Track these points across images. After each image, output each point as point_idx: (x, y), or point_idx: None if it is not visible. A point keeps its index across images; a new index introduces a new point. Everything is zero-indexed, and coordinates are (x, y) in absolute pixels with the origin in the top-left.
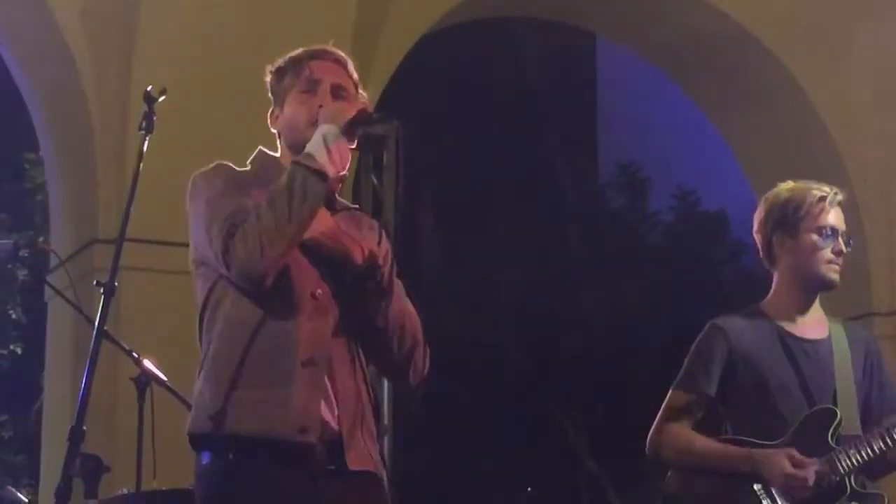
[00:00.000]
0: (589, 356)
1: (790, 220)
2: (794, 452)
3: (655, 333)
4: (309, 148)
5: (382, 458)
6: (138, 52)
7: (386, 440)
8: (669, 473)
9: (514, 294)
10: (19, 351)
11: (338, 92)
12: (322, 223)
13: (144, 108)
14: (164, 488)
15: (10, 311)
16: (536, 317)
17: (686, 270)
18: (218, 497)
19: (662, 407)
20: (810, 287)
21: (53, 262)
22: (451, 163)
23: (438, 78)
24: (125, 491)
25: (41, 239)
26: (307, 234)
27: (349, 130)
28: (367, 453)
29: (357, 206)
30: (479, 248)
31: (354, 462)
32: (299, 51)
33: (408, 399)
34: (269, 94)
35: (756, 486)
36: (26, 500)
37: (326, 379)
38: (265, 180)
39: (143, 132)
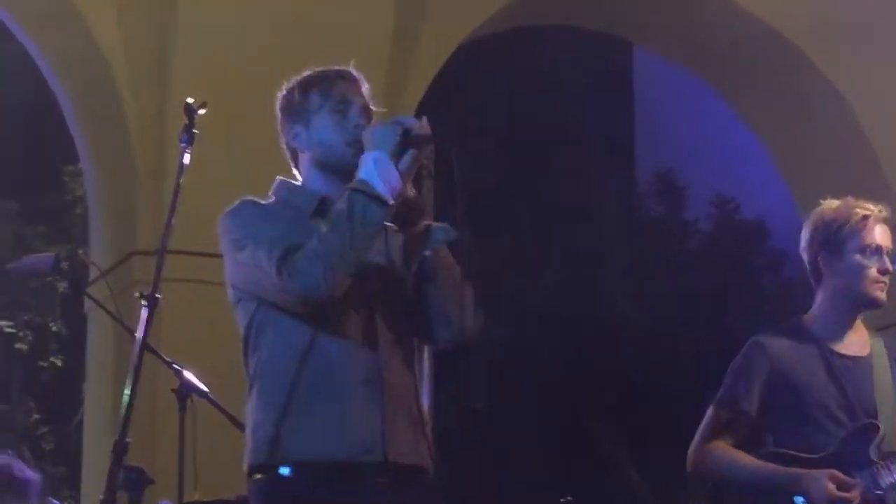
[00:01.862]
0: (626, 364)
1: (834, 239)
2: (838, 473)
3: (693, 342)
4: (361, 174)
5: (433, 457)
6: (176, 64)
7: None
8: (711, 485)
9: (551, 302)
10: (59, 363)
11: (367, 113)
12: None
13: (185, 120)
14: (205, 500)
15: (51, 324)
16: (573, 325)
17: (724, 279)
18: None
19: (703, 424)
20: (856, 306)
21: (93, 274)
22: (487, 171)
23: (475, 86)
24: (167, 502)
25: (81, 251)
26: None
27: (399, 152)
28: (417, 449)
29: None
30: (515, 256)
31: (403, 456)
32: (323, 69)
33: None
34: (283, 110)
35: (798, 500)
36: None
37: (381, 390)
38: (293, 207)
39: (184, 144)
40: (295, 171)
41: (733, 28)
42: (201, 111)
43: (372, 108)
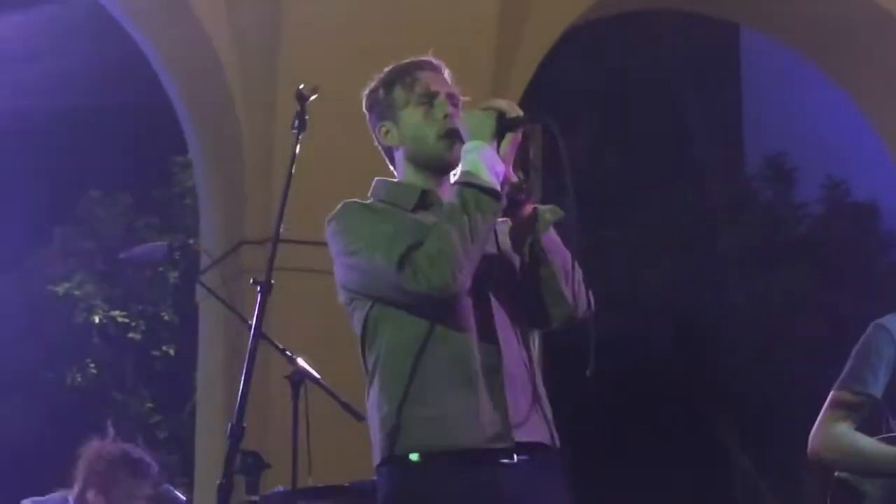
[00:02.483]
0: (737, 349)
1: None
2: None
3: (804, 326)
4: (467, 166)
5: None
6: (284, 52)
7: None
8: (837, 475)
9: (661, 289)
10: (172, 352)
11: (453, 100)
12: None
13: (296, 106)
14: (319, 485)
15: (163, 313)
16: (683, 311)
17: (835, 262)
18: (401, 494)
19: (825, 407)
20: None
21: (204, 263)
22: (593, 157)
23: (580, 73)
24: (282, 488)
25: (192, 241)
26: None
27: (496, 138)
28: (539, 427)
29: None
30: (623, 243)
31: (525, 433)
32: (401, 63)
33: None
34: (371, 109)
35: None
36: (184, 498)
37: (503, 375)
38: (395, 205)
39: (296, 131)
40: (392, 169)
41: (841, 7)
42: (313, 97)
43: (457, 94)
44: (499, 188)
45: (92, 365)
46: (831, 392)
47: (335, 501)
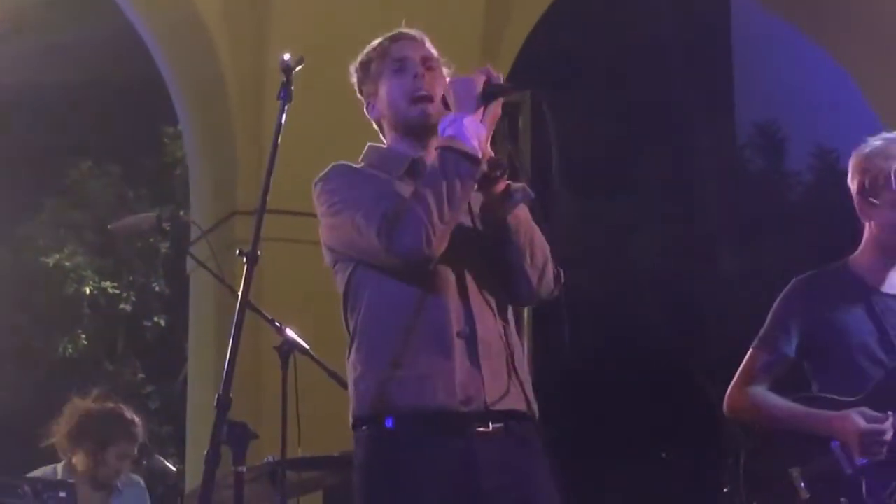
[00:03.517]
0: (729, 318)
1: (867, 187)
2: (867, 410)
3: None
4: (450, 131)
5: (532, 404)
6: (275, 23)
7: None
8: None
9: (653, 257)
10: (163, 323)
11: (427, 63)
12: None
13: (282, 77)
14: (308, 455)
15: (154, 284)
16: (675, 279)
17: (826, 230)
18: (377, 461)
19: (742, 366)
20: (892, 251)
21: (195, 234)
22: (585, 126)
23: (571, 42)
24: (271, 458)
25: (182, 212)
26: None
27: (482, 103)
28: (515, 395)
29: None
30: (615, 212)
31: (501, 402)
32: (377, 40)
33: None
34: (358, 90)
35: (834, 445)
36: (174, 469)
37: (477, 341)
38: (384, 170)
39: (282, 101)
40: (384, 140)
41: None
42: (298, 68)
43: (433, 56)
44: (479, 154)
45: (83, 336)
46: (749, 350)
47: (324, 471)
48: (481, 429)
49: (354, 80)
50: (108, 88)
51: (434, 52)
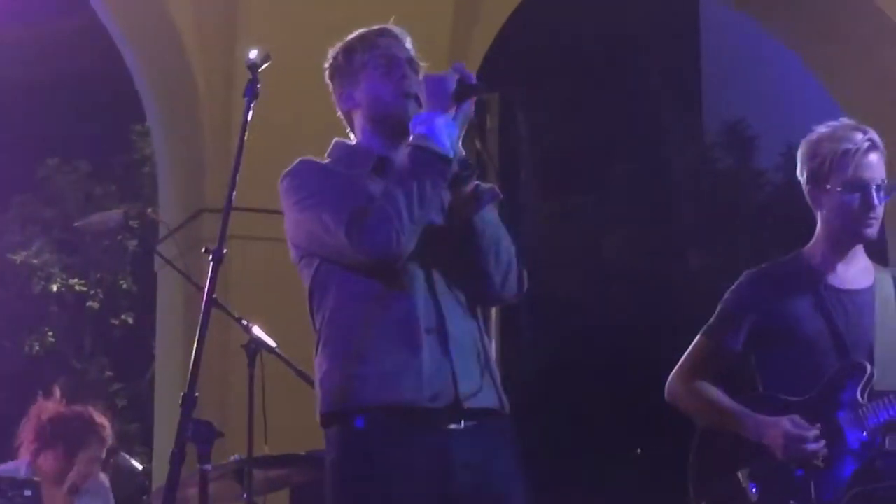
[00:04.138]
0: (697, 315)
1: (818, 173)
2: (798, 419)
3: None
4: (422, 130)
5: (503, 400)
6: (243, 21)
7: None
8: (699, 428)
9: (621, 255)
10: (131, 321)
11: (412, 66)
12: None
13: (248, 75)
14: (275, 453)
15: (122, 282)
16: (644, 277)
17: (795, 229)
18: (349, 460)
19: (687, 352)
20: (845, 240)
21: (162, 232)
22: (555, 125)
23: (541, 41)
24: (238, 457)
25: (150, 209)
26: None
27: (454, 102)
28: (487, 392)
29: None
30: (585, 209)
31: (473, 399)
32: (361, 31)
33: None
34: (332, 77)
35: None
36: (140, 467)
37: (447, 336)
38: (351, 166)
39: (248, 99)
40: (351, 136)
41: None
42: (265, 65)
43: (417, 61)
44: (451, 155)
45: (50, 333)
46: (696, 338)
47: (290, 469)
48: (453, 426)
49: (330, 65)
50: (77, 85)
51: (413, 53)
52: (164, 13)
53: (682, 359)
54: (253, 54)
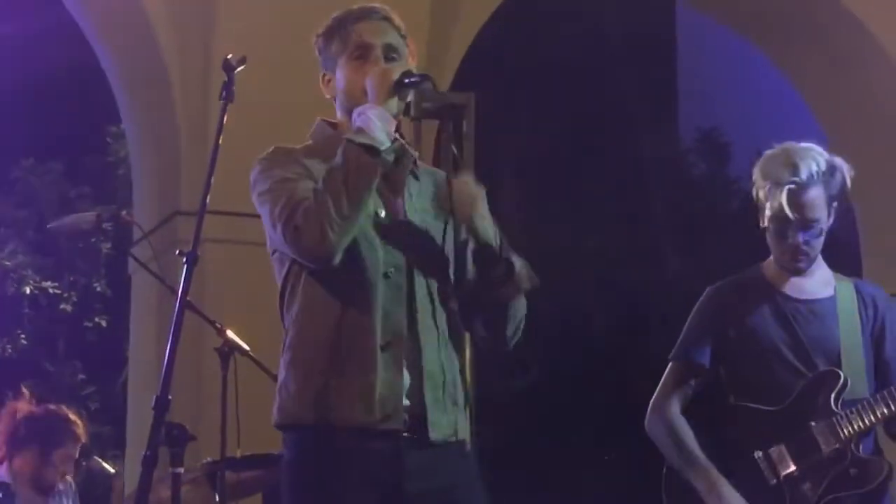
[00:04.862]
0: (671, 322)
1: (755, 198)
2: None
3: None
4: (359, 122)
5: (471, 424)
6: (219, 23)
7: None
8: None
9: (596, 261)
10: (104, 324)
11: (390, 54)
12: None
13: (224, 77)
14: (247, 454)
15: (95, 284)
16: (619, 284)
17: None
18: (302, 462)
19: (661, 382)
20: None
21: (136, 235)
22: (531, 131)
23: (517, 46)
24: (210, 459)
25: (124, 212)
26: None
27: (397, 93)
28: (451, 423)
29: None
30: (560, 216)
31: (436, 432)
32: (343, 12)
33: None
34: (319, 59)
35: (757, 455)
36: (112, 471)
37: (407, 356)
38: (325, 154)
39: (223, 101)
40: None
41: None
42: (240, 68)
43: (399, 45)
44: (383, 145)
45: (23, 336)
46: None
47: (263, 472)
48: (407, 434)
49: (316, 48)
50: (52, 86)
51: (399, 32)
52: (139, 13)
53: (658, 389)
54: (229, 56)
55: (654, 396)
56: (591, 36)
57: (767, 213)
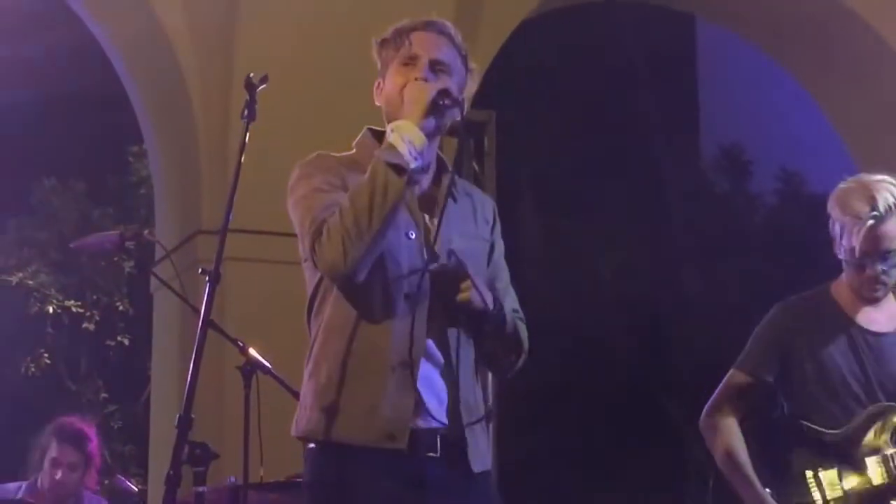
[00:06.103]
0: (692, 339)
1: (831, 230)
2: None
3: (760, 317)
4: (390, 138)
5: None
6: (240, 42)
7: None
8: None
9: (616, 278)
10: (126, 342)
11: (435, 67)
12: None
13: (246, 96)
14: (271, 480)
15: (118, 303)
16: (639, 301)
17: (790, 253)
18: (322, 481)
19: (721, 386)
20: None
21: (159, 253)
22: (552, 148)
23: (539, 63)
24: (234, 479)
25: (146, 231)
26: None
27: (432, 113)
28: (478, 449)
29: (478, 188)
30: (580, 232)
31: (474, 462)
32: (405, 21)
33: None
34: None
35: (807, 473)
36: (136, 489)
37: (424, 375)
38: (364, 165)
39: (245, 120)
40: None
41: (800, 2)
42: (262, 87)
43: (450, 61)
44: (410, 164)
45: (46, 355)
46: (730, 371)
47: (286, 496)
48: (430, 454)
49: (374, 53)
50: (73, 106)
51: (458, 50)
52: (160, 33)
53: (716, 393)
54: (251, 75)
55: (712, 398)
56: (612, 53)
57: (846, 245)
